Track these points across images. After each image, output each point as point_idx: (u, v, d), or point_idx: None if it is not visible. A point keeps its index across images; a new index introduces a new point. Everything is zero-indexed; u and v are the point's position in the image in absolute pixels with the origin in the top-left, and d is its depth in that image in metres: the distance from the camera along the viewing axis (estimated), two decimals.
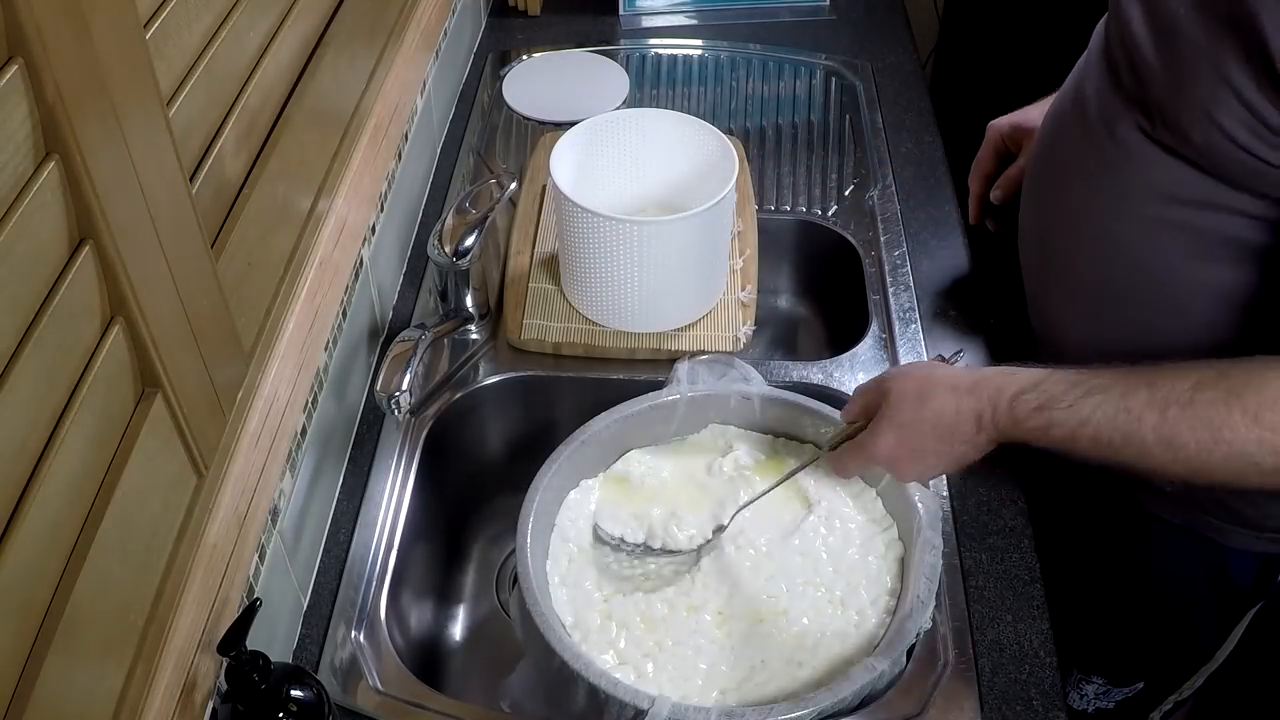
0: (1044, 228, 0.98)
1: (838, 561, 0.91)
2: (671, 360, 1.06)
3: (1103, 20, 0.90)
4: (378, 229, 1.08)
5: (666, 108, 1.27)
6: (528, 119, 1.41)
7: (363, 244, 1.02)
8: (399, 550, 0.96)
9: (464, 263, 1.01)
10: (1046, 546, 0.95)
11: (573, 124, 1.10)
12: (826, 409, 0.97)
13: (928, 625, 0.85)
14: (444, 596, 1.10)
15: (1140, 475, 0.77)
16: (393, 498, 0.99)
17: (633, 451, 0.99)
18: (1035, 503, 0.98)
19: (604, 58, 1.52)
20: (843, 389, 1.06)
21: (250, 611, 0.68)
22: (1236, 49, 0.72)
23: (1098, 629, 1.16)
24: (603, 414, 0.97)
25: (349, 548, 0.95)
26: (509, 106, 1.43)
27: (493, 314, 1.12)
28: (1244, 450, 0.71)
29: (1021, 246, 1.03)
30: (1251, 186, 0.77)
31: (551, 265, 1.15)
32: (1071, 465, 0.81)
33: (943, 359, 0.93)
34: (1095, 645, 1.18)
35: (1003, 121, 1.12)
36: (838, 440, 0.92)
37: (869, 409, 0.89)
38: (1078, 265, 0.94)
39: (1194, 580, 1.07)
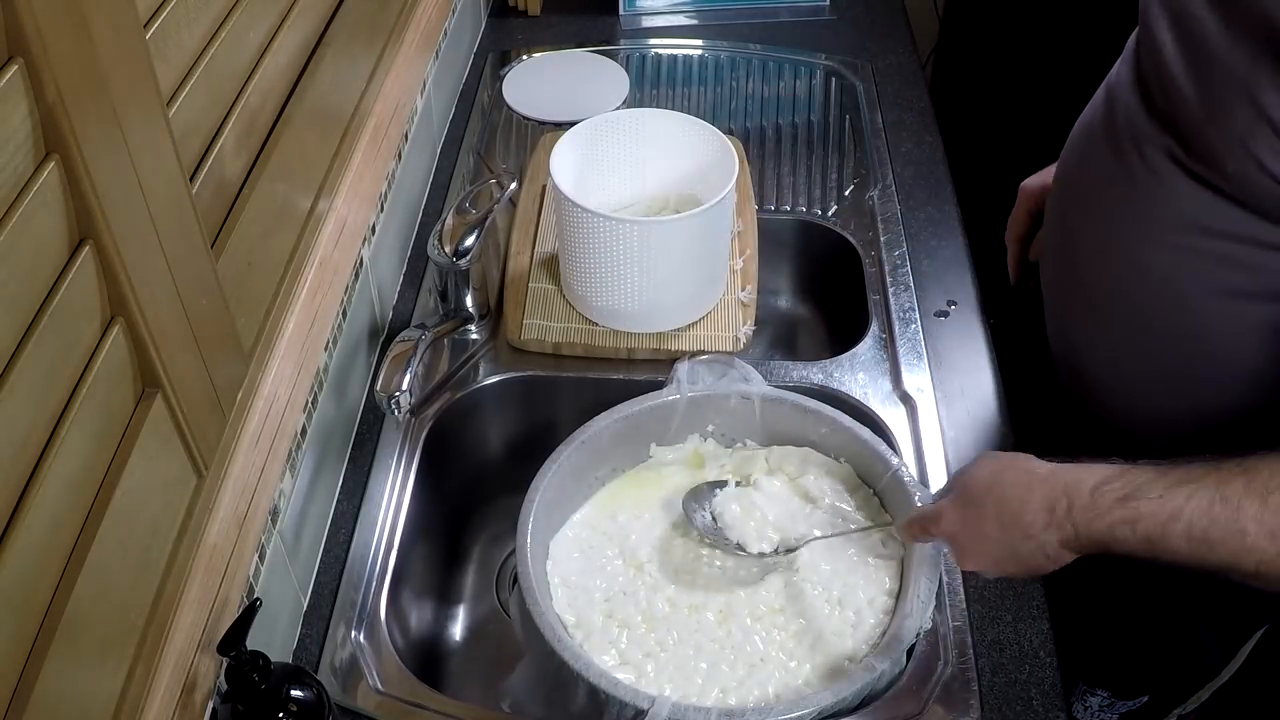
0: (1069, 247, 0.96)
1: (836, 561, 0.91)
2: (671, 360, 1.06)
3: (1134, 35, 0.87)
4: (378, 229, 1.08)
5: (666, 108, 1.27)
6: (528, 119, 1.41)
7: (363, 244, 1.02)
8: (399, 550, 0.96)
9: (464, 263, 1.01)
10: None
11: (573, 124, 1.10)
12: (827, 409, 0.97)
13: (927, 625, 0.85)
14: (444, 596, 1.10)
15: (1238, 579, 0.69)
16: (393, 498, 0.99)
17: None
18: None
19: (604, 58, 1.52)
20: (843, 389, 1.06)
21: (250, 611, 0.68)
22: (1273, 77, 0.69)
23: (1104, 642, 1.16)
24: (603, 414, 0.97)
25: (349, 548, 0.95)
26: (509, 106, 1.43)
27: (493, 314, 1.13)
28: None
29: (1044, 264, 1.00)
30: None
31: (551, 265, 1.15)
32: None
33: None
34: (1101, 658, 1.17)
35: (1034, 182, 1.10)
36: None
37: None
38: (1102, 288, 0.91)
39: (1200, 597, 1.06)
